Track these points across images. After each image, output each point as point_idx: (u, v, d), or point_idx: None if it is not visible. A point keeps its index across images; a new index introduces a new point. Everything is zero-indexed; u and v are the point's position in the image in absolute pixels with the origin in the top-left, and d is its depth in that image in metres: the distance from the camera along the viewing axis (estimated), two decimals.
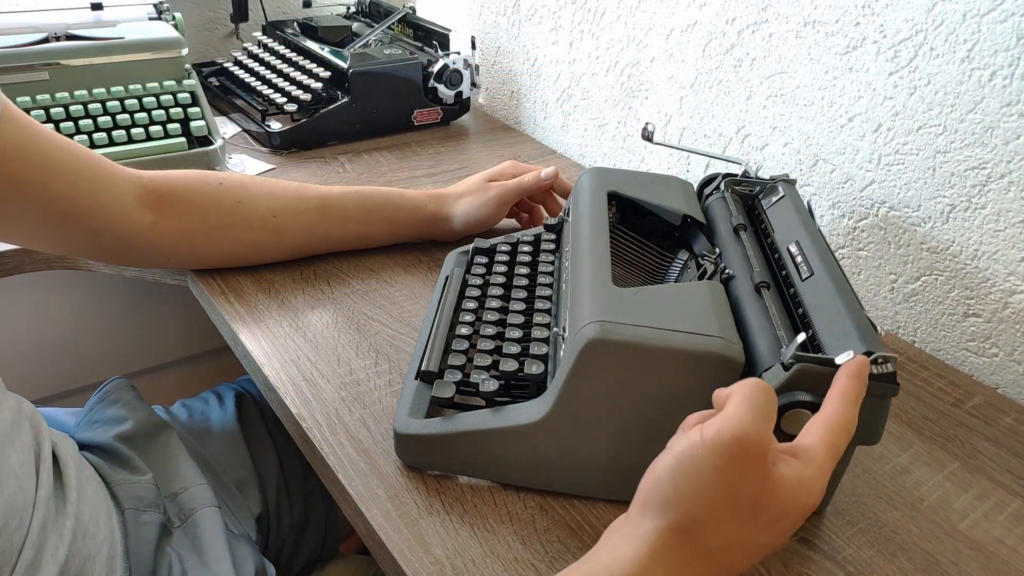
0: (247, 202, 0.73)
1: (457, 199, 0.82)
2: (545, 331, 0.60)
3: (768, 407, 0.40)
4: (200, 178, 0.72)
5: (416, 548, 0.51)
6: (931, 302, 0.76)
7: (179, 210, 0.70)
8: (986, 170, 0.69)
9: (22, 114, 0.60)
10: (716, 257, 0.61)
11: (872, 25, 0.74)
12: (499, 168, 0.87)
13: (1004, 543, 0.55)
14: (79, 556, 0.51)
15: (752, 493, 0.39)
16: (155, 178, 0.70)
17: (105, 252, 0.71)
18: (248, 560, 0.62)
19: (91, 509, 0.54)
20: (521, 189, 0.85)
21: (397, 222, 0.80)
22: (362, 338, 0.71)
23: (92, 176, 0.64)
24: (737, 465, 0.39)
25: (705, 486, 0.39)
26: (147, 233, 0.69)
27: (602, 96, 1.08)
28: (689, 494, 0.39)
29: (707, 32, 0.90)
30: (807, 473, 0.40)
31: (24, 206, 0.61)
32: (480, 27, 1.27)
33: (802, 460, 0.41)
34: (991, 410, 0.69)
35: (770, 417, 0.40)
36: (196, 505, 0.63)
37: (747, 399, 0.40)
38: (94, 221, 0.65)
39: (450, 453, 0.56)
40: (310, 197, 0.76)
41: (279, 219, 0.74)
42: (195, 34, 1.30)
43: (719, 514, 0.39)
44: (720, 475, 0.39)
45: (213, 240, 0.73)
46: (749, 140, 0.90)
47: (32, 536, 0.47)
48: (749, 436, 0.39)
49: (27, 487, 0.49)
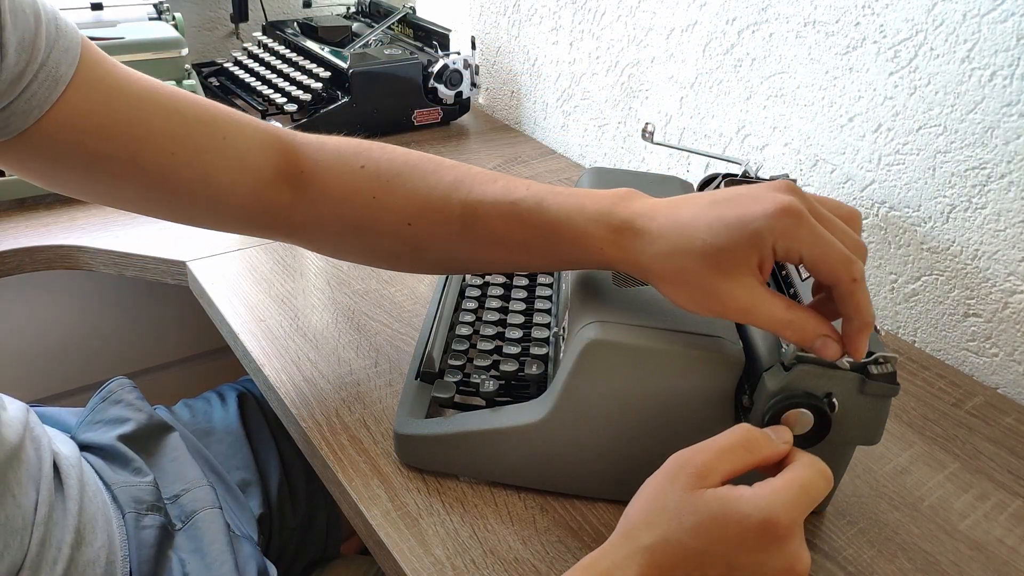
0: (382, 199, 0.55)
1: (655, 257, 0.47)
2: (545, 331, 0.60)
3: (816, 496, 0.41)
4: (346, 153, 0.57)
5: (416, 548, 0.51)
6: (931, 302, 0.76)
7: (317, 195, 0.56)
8: (986, 170, 0.69)
9: (104, 62, 0.49)
10: None
11: (872, 25, 0.74)
12: (762, 236, 0.44)
13: (1004, 543, 0.55)
14: (77, 566, 0.51)
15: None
16: (301, 144, 0.56)
17: (243, 227, 0.58)
18: (250, 561, 0.62)
19: (90, 514, 0.54)
20: (768, 328, 0.47)
21: (563, 258, 0.53)
22: (362, 338, 0.71)
23: (200, 144, 0.52)
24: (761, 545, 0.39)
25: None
26: (286, 215, 0.56)
27: (602, 96, 1.08)
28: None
29: (707, 32, 0.90)
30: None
31: (113, 183, 0.51)
32: (480, 27, 1.27)
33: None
34: (991, 410, 0.69)
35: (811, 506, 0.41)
36: (198, 507, 0.63)
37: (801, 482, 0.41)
38: (208, 198, 0.53)
39: (450, 453, 0.56)
40: (455, 202, 0.54)
41: (415, 229, 0.55)
42: (195, 34, 1.30)
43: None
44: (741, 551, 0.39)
45: (349, 242, 0.58)
46: (749, 140, 0.90)
47: (31, 555, 0.47)
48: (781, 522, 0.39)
49: (26, 505, 0.48)
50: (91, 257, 0.85)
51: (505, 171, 1.06)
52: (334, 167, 0.56)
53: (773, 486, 0.40)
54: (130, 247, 0.83)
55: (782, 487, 0.40)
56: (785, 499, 0.40)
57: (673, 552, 0.40)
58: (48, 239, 0.84)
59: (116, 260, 0.84)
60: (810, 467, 0.42)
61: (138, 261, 0.83)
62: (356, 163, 0.56)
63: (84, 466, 0.59)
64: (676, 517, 0.40)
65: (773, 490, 0.40)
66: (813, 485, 0.41)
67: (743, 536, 0.39)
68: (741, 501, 0.39)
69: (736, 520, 0.39)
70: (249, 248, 0.84)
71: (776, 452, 0.43)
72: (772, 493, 0.40)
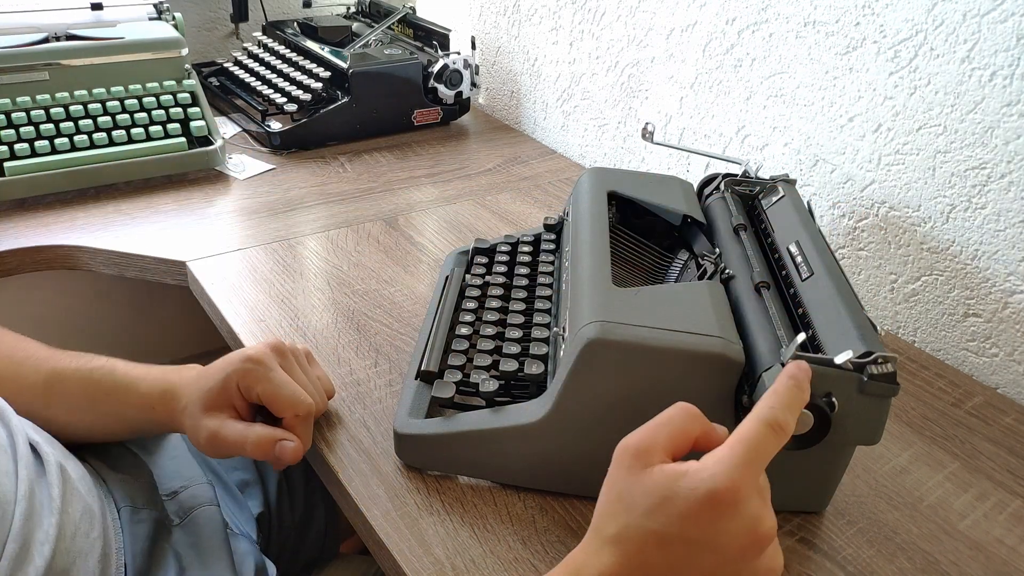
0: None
1: (182, 413, 0.58)
2: (545, 331, 0.60)
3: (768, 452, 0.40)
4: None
5: (416, 548, 0.51)
6: (931, 302, 0.76)
7: None
8: (986, 170, 0.69)
9: None
10: (716, 257, 0.61)
11: (872, 25, 0.74)
12: (227, 380, 0.57)
13: (1004, 543, 0.55)
14: (68, 553, 0.51)
15: None
16: None
17: None
18: (248, 558, 0.62)
19: (82, 507, 0.54)
20: (241, 452, 0.56)
21: (131, 421, 0.60)
22: (362, 338, 0.71)
23: None
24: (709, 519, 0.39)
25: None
26: None
27: (602, 96, 1.08)
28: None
29: (707, 32, 0.90)
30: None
31: None
32: (480, 27, 1.27)
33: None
34: (991, 410, 0.69)
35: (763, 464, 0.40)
36: (196, 503, 0.63)
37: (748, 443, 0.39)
38: None
39: (450, 453, 0.56)
40: (43, 369, 0.59)
41: (2, 392, 0.58)
42: (195, 34, 1.30)
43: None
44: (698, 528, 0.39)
45: None
46: (749, 140, 0.90)
47: (15, 529, 0.47)
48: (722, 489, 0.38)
49: (6, 483, 0.49)
50: (91, 257, 0.85)
51: (505, 171, 1.06)
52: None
53: (717, 455, 0.39)
54: (130, 247, 0.83)
55: (726, 453, 0.39)
56: (730, 465, 0.38)
57: (636, 537, 0.39)
58: (48, 239, 0.84)
59: (116, 260, 0.84)
60: (757, 421, 0.40)
61: (138, 261, 0.83)
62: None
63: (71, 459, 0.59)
64: (630, 502, 0.40)
65: (717, 459, 0.39)
66: (761, 441, 0.39)
67: (694, 511, 0.38)
68: (686, 476, 0.39)
69: (683, 496, 0.38)
70: (249, 248, 0.84)
71: (713, 427, 0.43)
72: (716, 462, 0.39)
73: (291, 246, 0.85)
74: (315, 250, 0.85)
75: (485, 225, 0.92)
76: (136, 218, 0.90)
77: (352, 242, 0.87)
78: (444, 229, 0.91)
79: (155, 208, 0.92)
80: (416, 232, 0.90)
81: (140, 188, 0.96)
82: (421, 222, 0.92)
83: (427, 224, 0.92)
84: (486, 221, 0.93)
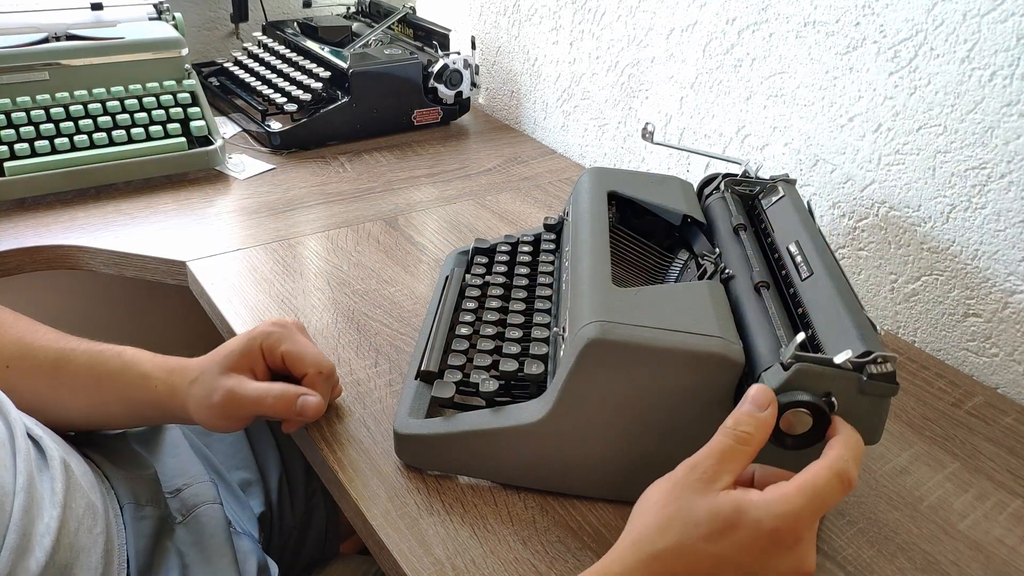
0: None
1: (191, 385, 0.58)
2: (545, 331, 0.60)
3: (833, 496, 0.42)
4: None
5: (416, 548, 0.51)
6: (931, 302, 0.76)
7: None
8: (986, 170, 0.69)
9: None
10: (716, 257, 0.61)
11: (872, 25, 0.74)
12: (251, 341, 0.59)
13: (1004, 543, 0.55)
14: (71, 548, 0.51)
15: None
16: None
17: None
18: (250, 556, 0.62)
19: (86, 503, 0.54)
20: (259, 408, 0.57)
21: (134, 403, 0.60)
22: (362, 338, 0.71)
23: None
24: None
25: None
26: None
27: (602, 96, 1.08)
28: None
29: (707, 32, 0.90)
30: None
31: None
32: (480, 27, 1.27)
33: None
34: (991, 410, 0.69)
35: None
36: (199, 501, 0.63)
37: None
38: None
39: (450, 453, 0.56)
40: (52, 349, 0.61)
41: (12, 371, 0.60)
42: (195, 34, 1.30)
43: None
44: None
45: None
46: (749, 140, 0.90)
47: (15, 520, 0.47)
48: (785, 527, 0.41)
49: (4, 475, 0.49)
50: (91, 257, 0.85)
51: (505, 171, 1.06)
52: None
53: (784, 492, 0.41)
54: (130, 247, 0.83)
55: (795, 493, 0.41)
56: (795, 506, 0.40)
57: (686, 557, 0.41)
58: (48, 239, 0.84)
59: (116, 260, 0.84)
60: (828, 469, 0.42)
61: (138, 261, 0.83)
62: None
63: (74, 455, 0.59)
64: (691, 522, 0.41)
65: (784, 497, 0.41)
66: (827, 489, 0.41)
67: (755, 541, 0.40)
68: (753, 507, 0.41)
69: (748, 525, 0.40)
70: (249, 248, 0.84)
71: (765, 431, 0.44)
72: (784, 500, 0.41)
73: (291, 246, 0.85)
74: (315, 250, 0.85)
75: (485, 225, 0.92)
76: (136, 218, 0.90)
77: (352, 242, 0.87)
78: (444, 229, 0.91)
79: (155, 208, 0.92)
80: (416, 232, 0.90)
81: (140, 188, 0.96)
82: (421, 222, 0.92)
83: (427, 224, 0.92)
84: (486, 221, 0.93)
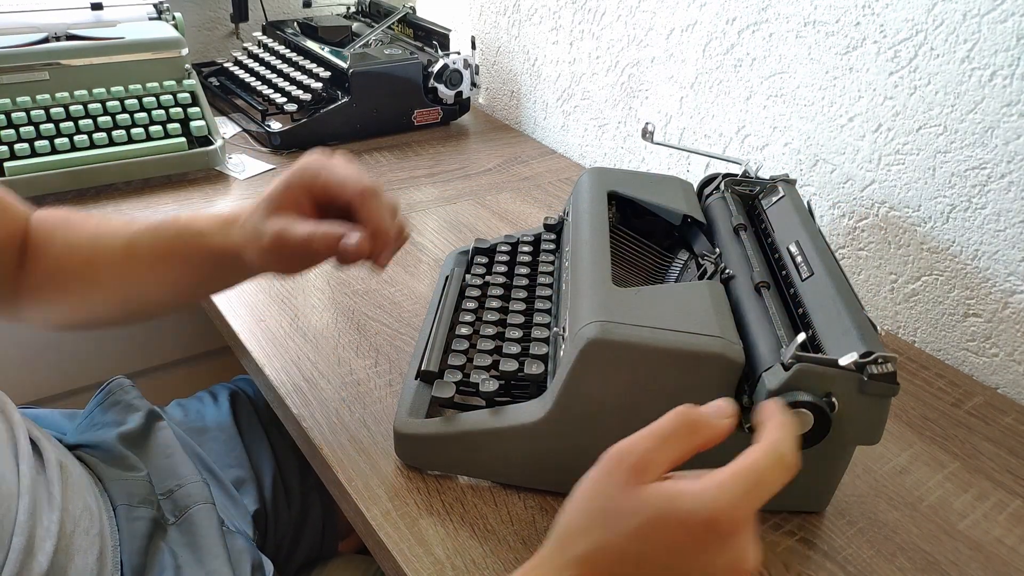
0: (67, 241, 0.62)
1: (241, 230, 0.57)
2: (545, 331, 0.60)
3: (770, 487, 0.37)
4: (46, 214, 0.63)
5: (416, 548, 0.51)
6: (931, 302, 0.76)
7: (31, 255, 0.61)
8: (986, 170, 0.69)
9: None
10: (716, 257, 0.61)
11: (872, 25, 0.74)
12: (289, 177, 0.57)
13: (1004, 543, 0.55)
14: (68, 550, 0.51)
15: None
16: (35, 217, 0.63)
17: None
18: (244, 556, 0.62)
19: (82, 505, 0.54)
20: (309, 247, 0.54)
21: (196, 265, 0.60)
22: (362, 338, 0.71)
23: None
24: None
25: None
26: (12, 282, 0.61)
27: (602, 96, 1.08)
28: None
29: (707, 32, 0.90)
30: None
31: None
32: (480, 27, 1.27)
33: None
34: (991, 410, 0.69)
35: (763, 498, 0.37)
36: (191, 502, 0.63)
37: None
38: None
39: (450, 453, 0.56)
40: (119, 236, 0.62)
41: (95, 265, 0.61)
42: (195, 34, 1.30)
43: None
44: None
45: (45, 293, 0.62)
46: (749, 140, 0.90)
47: (20, 522, 0.47)
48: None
49: (9, 477, 0.49)
50: None
51: (505, 171, 1.06)
52: (38, 227, 0.62)
53: (719, 479, 0.36)
54: None
55: (729, 480, 0.36)
56: (733, 494, 0.36)
57: (609, 558, 0.36)
58: None
59: None
60: (767, 454, 0.37)
61: None
62: (53, 218, 0.63)
63: (70, 459, 0.59)
64: (614, 520, 0.37)
65: (719, 484, 0.36)
66: (768, 474, 0.36)
67: (686, 537, 0.36)
68: (684, 497, 0.36)
69: (679, 520, 0.36)
70: None
71: (717, 433, 0.39)
72: (718, 487, 0.36)
73: None
74: None
75: (485, 225, 0.92)
76: (136, 218, 0.89)
77: None
78: (444, 229, 0.91)
79: (155, 208, 0.92)
80: (416, 232, 0.90)
81: (140, 188, 0.96)
82: (421, 222, 0.92)
83: (427, 224, 0.92)
84: (486, 221, 0.93)
